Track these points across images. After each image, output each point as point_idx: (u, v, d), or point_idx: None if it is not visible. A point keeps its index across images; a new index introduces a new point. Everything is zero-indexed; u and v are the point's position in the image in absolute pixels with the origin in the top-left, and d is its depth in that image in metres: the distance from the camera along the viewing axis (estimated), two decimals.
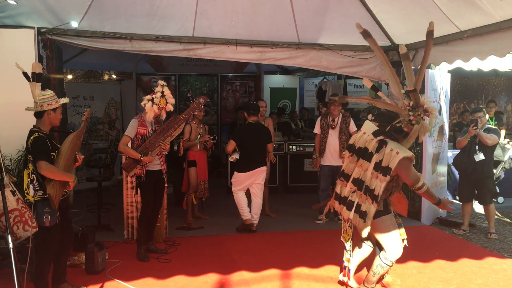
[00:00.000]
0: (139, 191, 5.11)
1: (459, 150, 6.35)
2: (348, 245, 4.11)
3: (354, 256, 4.15)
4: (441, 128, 7.04)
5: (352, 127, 6.53)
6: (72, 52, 8.23)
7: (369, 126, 3.93)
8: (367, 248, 4.17)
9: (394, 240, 3.85)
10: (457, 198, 7.59)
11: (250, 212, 6.18)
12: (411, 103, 3.62)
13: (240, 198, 6.20)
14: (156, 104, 4.83)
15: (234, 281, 4.46)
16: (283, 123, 10.23)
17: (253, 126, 6.24)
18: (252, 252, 5.36)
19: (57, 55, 6.11)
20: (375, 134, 3.74)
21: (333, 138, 6.51)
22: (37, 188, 3.71)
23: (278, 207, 7.50)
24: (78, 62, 9.28)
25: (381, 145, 3.70)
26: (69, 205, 4.11)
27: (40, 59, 5.53)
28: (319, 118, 6.74)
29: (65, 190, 3.86)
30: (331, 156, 6.52)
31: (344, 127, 6.52)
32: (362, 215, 3.76)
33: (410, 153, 3.60)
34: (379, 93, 3.91)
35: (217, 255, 5.22)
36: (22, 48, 5.43)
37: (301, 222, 6.74)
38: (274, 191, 8.22)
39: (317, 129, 6.67)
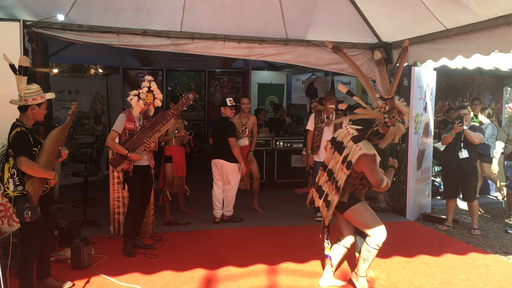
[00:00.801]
0: (126, 186, 5.08)
1: (444, 147, 6.43)
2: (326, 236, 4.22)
3: (333, 250, 4.21)
4: (427, 125, 7.12)
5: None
6: (58, 45, 8.12)
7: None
8: (341, 248, 4.23)
9: (374, 224, 3.93)
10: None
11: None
12: (387, 107, 3.74)
13: (214, 195, 6.42)
14: (142, 100, 4.80)
15: (221, 276, 4.47)
16: (275, 120, 10.20)
17: (219, 121, 6.55)
18: (239, 247, 5.38)
19: (42, 48, 6.03)
20: (355, 140, 3.84)
21: (328, 135, 6.46)
22: (17, 183, 3.64)
23: (265, 202, 7.54)
24: (64, 56, 9.15)
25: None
26: (51, 200, 4.07)
27: (25, 52, 5.42)
28: (312, 115, 6.69)
29: (46, 186, 3.81)
30: None
31: (338, 124, 6.53)
32: (327, 204, 3.99)
33: (372, 152, 3.74)
34: (355, 98, 4.02)
35: (204, 250, 5.22)
36: (7, 41, 5.31)
37: (288, 217, 6.77)
38: (261, 187, 8.22)
39: (310, 126, 6.62)
